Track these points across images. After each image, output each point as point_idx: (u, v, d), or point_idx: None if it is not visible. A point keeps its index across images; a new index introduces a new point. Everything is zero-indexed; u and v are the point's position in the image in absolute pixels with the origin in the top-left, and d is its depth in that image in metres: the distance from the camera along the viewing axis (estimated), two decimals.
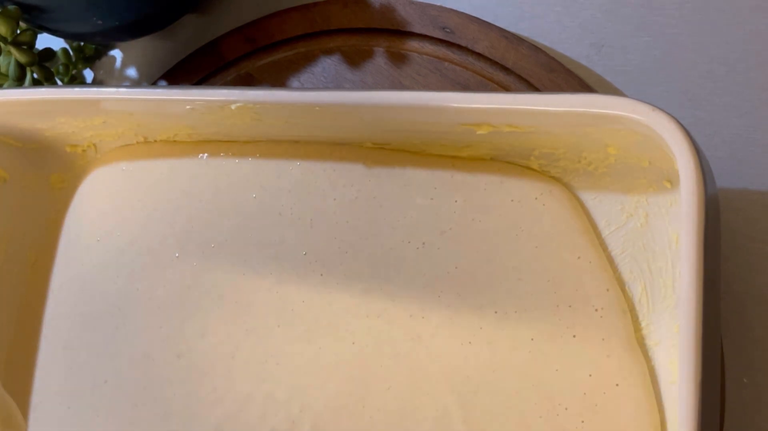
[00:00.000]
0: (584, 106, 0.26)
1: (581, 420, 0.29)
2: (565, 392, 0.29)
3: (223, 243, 0.35)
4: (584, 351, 0.29)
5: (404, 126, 0.31)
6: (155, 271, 0.36)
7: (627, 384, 0.29)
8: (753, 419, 0.31)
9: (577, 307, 0.30)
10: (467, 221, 0.32)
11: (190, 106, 0.33)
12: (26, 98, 0.35)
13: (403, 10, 0.38)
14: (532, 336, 0.30)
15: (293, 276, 0.34)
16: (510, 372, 0.30)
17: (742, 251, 0.32)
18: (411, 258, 0.32)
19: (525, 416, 0.30)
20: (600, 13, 0.36)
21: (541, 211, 0.31)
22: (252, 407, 0.33)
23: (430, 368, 0.31)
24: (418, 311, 0.32)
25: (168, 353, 0.35)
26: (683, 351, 0.23)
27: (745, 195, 0.33)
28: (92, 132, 0.37)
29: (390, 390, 0.31)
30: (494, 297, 0.31)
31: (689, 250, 0.24)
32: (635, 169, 0.29)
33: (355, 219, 0.34)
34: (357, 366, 0.32)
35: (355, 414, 0.32)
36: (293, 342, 0.33)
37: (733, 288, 0.32)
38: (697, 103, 0.34)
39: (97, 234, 0.38)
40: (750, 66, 0.33)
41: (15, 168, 0.39)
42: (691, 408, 0.23)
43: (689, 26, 0.34)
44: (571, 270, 0.30)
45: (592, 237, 0.31)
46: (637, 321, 0.30)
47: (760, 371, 0.32)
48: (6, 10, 0.39)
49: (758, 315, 0.32)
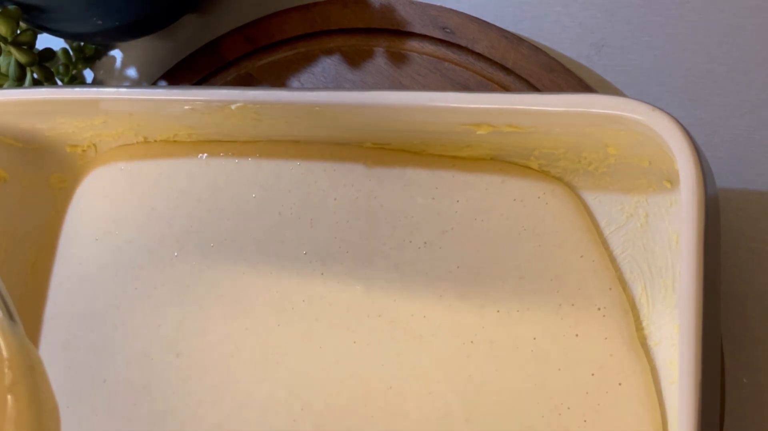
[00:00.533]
0: (584, 106, 0.26)
1: (584, 420, 0.29)
2: (568, 391, 0.29)
3: (222, 242, 0.35)
4: (587, 350, 0.29)
5: (404, 126, 0.31)
6: (154, 270, 0.36)
7: (629, 384, 0.28)
8: (753, 419, 0.31)
9: (580, 306, 0.30)
10: (469, 221, 0.32)
11: (190, 106, 0.33)
12: (26, 98, 0.35)
13: (403, 10, 0.38)
14: (534, 335, 0.30)
15: (293, 275, 0.34)
16: (512, 371, 0.30)
17: (742, 251, 0.32)
18: (412, 257, 0.32)
19: (527, 415, 0.30)
20: (600, 13, 0.36)
21: (543, 210, 0.31)
22: (252, 406, 0.33)
23: (431, 367, 0.31)
24: (420, 310, 0.32)
25: (167, 352, 0.35)
26: (683, 351, 0.23)
27: (745, 195, 0.33)
28: (92, 132, 0.37)
29: (391, 390, 0.31)
30: (496, 297, 0.31)
31: (689, 250, 0.24)
32: (635, 169, 0.29)
33: (356, 218, 0.34)
34: (358, 365, 0.32)
35: (356, 413, 0.32)
36: (293, 341, 0.33)
37: (733, 288, 0.32)
38: (697, 103, 0.34)
39: (96, 233, 0.38)
40: (750, 66, 0.33)
41: (15, 168, 0.39)
42: (691, 408, 0.23)
43: (689, 26, 0.34)
44: (574, 269, 0.30)
45: (594, 236, 0.31)
46: (638, 320, 0.30)
47: (760, 371, 0.32)
48: (6, 10, 0.39)
49: (758, 315, 0.32)
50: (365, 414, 0.32)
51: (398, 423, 0.31)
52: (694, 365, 0.23)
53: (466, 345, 0.31)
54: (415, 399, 0.31)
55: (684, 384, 0.23)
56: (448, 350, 0.31)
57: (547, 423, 0.29)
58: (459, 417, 0.30)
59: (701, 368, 0.23)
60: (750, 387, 0.31)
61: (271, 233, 0.35)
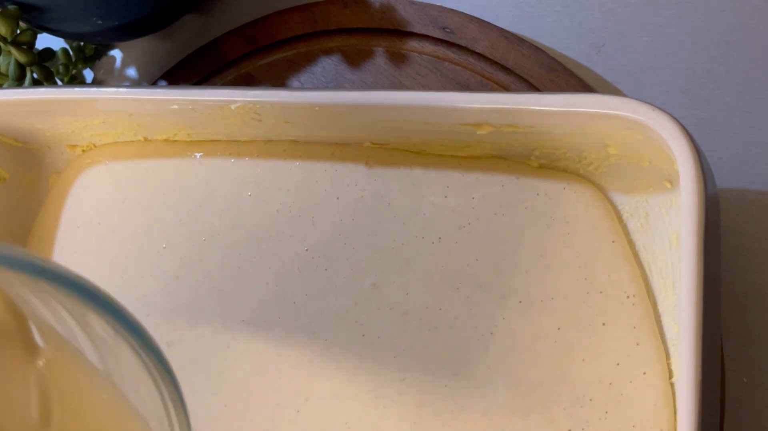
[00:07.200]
0: (584, 106, 0.26)
1: (605, 411, 0.28)
2: (591, 382, 0.29)
3: (215, 236, 0.35)
4: (613, 339, 0.29)
5: (404, 126, 0.31)
6: (140, 261, 0.36)
7: (654, 372, 0.28)
8: (753, 419, 0.31)
9: (609, 293, 0.29)
10: (489, 215, 0.31)
11: (190, 105, 0.33)
12: (26, 98, 0.35)
13: (403, 10, 0.38)
14: (558, 325, 0.29)
15: (294, 271, 0.34)
16: (534, 363, 0.29)
17: (742, 251, 0.32)
18: (426, 252, 0.32)
19: (548, 408, 0.29)
20: (600, 13, 0.36)
21: (573, 198, 0.30)
22: (250, 397, 0.33)
23: (447, 359, 0.31)
24: (435, 303, 0.31)
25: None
26: (683, 351, 0.23)
27: (745, 195, 0.33)
28: (92, 132, 0.37)
29: (404, 381, 0.31)
30: (518, 287, 0.30)
31: (689, 250, 0.24)
32: (635, 169, 0.29)
33: (362, 217, 0.33)
34: (368, 357, 0.32)
35: (366, 403, 0.31)
36: (296, 334, 0.33)
37: (733, 289, 0.32)
38: (697, 103, 0.34)
39: (77, 223, 0.38)
40: (750, 66, 0.33)
41: (15, 168, 0.39)
42: (691, 408, 0.23)
43: (689, 26, 0.34)
44: (605, 255, 0.29)
45: (623, 225, 0.30)
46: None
47: (760, 371, 0.32)
48: (6, 10, 0.39)
49: (758, 315, 0.32)
50: (377, 404, 0.31)
51: (413, 413, 0.31)
52: (694, 365, 0.23)
53: (486, 337, 0.30)
54: (431, 391, 0.30)
55: (684, 384, 0.23)
56: (465, 342, 0.30)
57: (568, 416, 0.29)
58: (477, 410, 0.30)
59: (701, 368, 0.23)
60: (750, 387, 0.31)
61: (269, 229, 0.34)
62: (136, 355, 0.22)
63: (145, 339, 0.22)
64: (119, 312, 0.21)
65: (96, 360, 0.24)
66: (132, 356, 0.22)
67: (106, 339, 0.23)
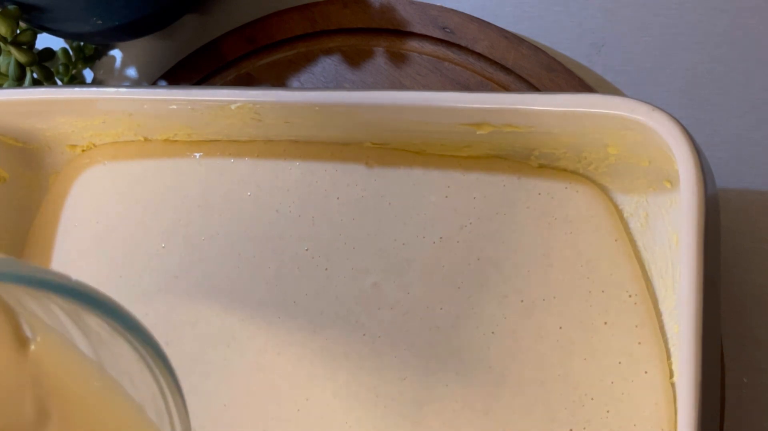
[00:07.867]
0: (584, 106, 0.26)
1: (606, 410, 0.28)
2: (592, 381, 0.29)
3: (214, 236, 0.35)
4: (615, 338, 0.29)
5: (404, 126, 0.31)
6: (140, 261, 0.36)
7: (656, 372, 0.28)
8: (753, 419, 0.31)
9: (611, 293, 0.29)
10: (490, 215, 0.31)
11: (190, 105, 0.33)
12: (26, 98, 0.35)
13: (403, 10, 0.38)
14: (560, 324, 0.29)
15: (294, 270, 0.34)
16: (535, 362, 0.29)
17: (742, 251, 0.32)
18: (427, 251, 0.32)
19: (550, 407, 0.29)
20: (600, 13, 0.36)
21: (575, 198, 0.30)
22: (250, 397, 0.33)
23: (448, 358, 0.31)
24: (436, 303, 0.31)
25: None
26: (683, 351, 0.23)
27: (745, 195, 0.33)
28: (92, 132, 0.37)
29: (406, 381, 0.31)
30: (520, 286, 0.30)
31: (689, 250, 0.24)
32: (635, 169, 0.29)
33: (362, 216, 0.33)
34: (369, 357, 0.32)
35: (367, 402, 0.31)
36: (296, 333, 0.33)
37: (733, 289, 0.32)
38: (697, 103, 0.34)
39: (75, 223, 0.38)
40: (750, 66, 0.33)
41: (15, 168, 0.39)
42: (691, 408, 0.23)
43: (689, 26, 0.34)
44: (608, 254, 0.29)
45: (624, 224, 0.30)
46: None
47: (760, 371, 0.32)
48: (6, 10, 0.39)
49: (758, 316, 0.32)
50: (378, 403, 0.31)
51: (414, 413, 0.31)
52: (694, 365, 0.23)
53: (487, 336, 0.30)
54: (431, 390, 0.30)
55: (684, 384, 0.23)
56: (466, 341, 0.31)
57: (570, 415, 0.29)
58: (478, 409, 0.30)
59: (701, 368, 0.23)
60: (750, 387, 0.31)
61: (268, 229, 0.34)
62: (132, 348, 0.22)
63: (144, 336, 0.22)
64: (117, 311, 0.21)
65: (88, 350, 0.24)
66: (127, 348, 0.22)
67: (100, 333, 0.23)
